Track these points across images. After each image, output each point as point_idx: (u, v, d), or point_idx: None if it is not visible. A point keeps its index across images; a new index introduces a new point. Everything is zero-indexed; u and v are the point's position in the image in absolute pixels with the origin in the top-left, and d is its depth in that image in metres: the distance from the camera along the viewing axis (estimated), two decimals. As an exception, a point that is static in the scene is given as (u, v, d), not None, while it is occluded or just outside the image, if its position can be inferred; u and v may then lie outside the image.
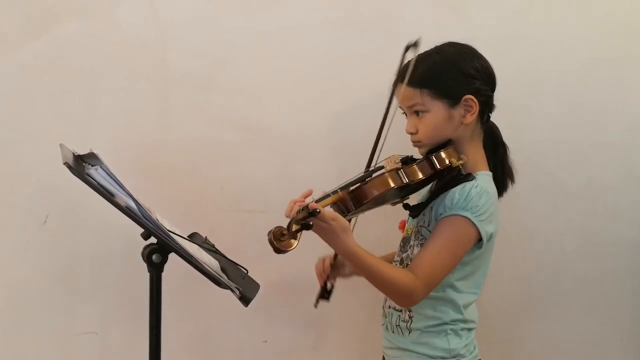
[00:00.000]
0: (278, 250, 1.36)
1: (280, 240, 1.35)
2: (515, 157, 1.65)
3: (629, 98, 2.08)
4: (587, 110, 2.07)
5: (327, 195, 1.45)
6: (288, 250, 1.36)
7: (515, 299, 2.11)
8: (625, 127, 2.08)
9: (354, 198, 1.45)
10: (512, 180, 1.64)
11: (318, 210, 1.35)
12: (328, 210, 1.39)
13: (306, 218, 1.34)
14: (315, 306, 1.70)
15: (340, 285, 1.73)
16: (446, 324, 1.54)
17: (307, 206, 1.36)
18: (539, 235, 2.10)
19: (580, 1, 2.04)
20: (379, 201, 1.51)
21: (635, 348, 2.16)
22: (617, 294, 2.14)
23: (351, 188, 1.46)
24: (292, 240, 1.36)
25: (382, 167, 1.51)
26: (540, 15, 2.03)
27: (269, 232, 1.36)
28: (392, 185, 1.45)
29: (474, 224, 1.47)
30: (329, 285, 1.69)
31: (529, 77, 2.02)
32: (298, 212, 1.36)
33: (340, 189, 1.46)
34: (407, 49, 1.53)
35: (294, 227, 1.34)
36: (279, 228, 1.36)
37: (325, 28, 1.97)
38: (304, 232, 1.36)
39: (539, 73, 2.04)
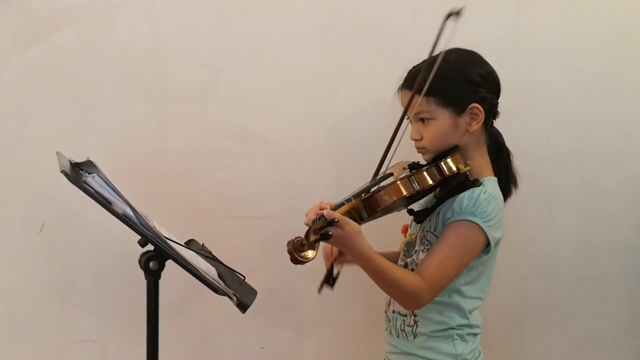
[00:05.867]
0: (297, 261, 1.34)
1: (300, 251, 1.34)
2: (511, 161, 1.66)
3: (623, 103, 2.09)
4: (582, 115, 2.08)
5: (342, 204, 1.44)
6: (306, 261, 1.35)
7: (511, 303, 2.12)
8: (620, 132, 2.09)
9: (368, 206, 1.44)
10: (516, 186, 1.64)
11: (336, 220, 1.34)
12: (342, 217, 1.38)
13: (324, 227, 1.33)
14: (319, 292, 1.64)
15: (339, 291, 1.72)
16: (452, 328, 1.53)
17: (323, 215, 1.34)
18: (535, 240, 2.11)
19: (577, 7, 2.05)
20: (390, 209, 1.50)
21: (633, 351, 2.17)
22: (614, 298, 2.14)
23: (364, 196, 1.45)
24: (311, 251, 1.35)
25: (391, 174, 1.50)
26: (536, 21, 2.04)
27: (289, 243, 1.35)
28: (405, 192, 1.44)
29: (483, 230, 1.46)
30: (335, 271, 1.64)
31: (524, 82, 2.02)
32: (314, 221, 1.35)
33: (353, 196, 1.45)
34: (448, 16, 1.47)
35: (312, 237, 1.33)
36: (299, 239, 1.35)
37: (323, 36, 1.97)
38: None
39: (534, 79, 2.04)
